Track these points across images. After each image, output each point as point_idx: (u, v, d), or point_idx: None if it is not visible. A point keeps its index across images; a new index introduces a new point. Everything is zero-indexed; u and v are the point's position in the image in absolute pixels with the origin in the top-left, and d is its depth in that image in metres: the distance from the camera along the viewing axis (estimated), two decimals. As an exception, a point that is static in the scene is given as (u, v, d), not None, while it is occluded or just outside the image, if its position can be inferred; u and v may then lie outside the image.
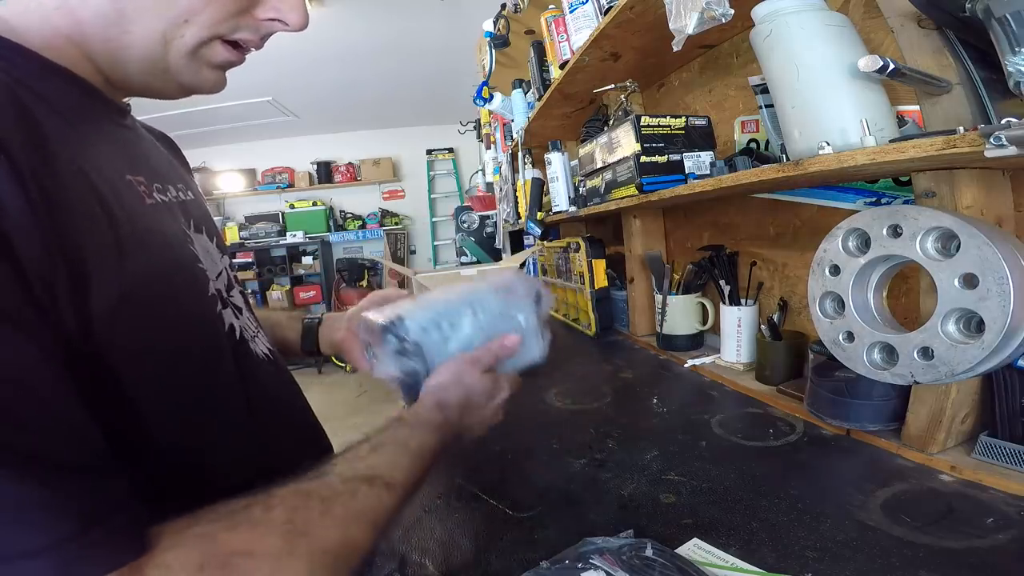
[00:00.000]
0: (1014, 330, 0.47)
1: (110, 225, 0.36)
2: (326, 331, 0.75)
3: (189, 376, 0.43)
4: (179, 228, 0.48)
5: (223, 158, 5.70)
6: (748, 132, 1.01)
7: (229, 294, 0.54)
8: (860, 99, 0.61)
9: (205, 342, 0.46)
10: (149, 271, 0.39)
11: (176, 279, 0.44)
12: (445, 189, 6.09)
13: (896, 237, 0.55)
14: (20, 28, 0.39)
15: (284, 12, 0.45)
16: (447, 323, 0.53)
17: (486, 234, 3.08)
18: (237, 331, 0.52)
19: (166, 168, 0.53)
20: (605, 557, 0.45)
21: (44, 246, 0.30)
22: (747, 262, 1.09)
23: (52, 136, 0.34)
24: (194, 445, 0.42)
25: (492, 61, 1.94)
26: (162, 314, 0.40)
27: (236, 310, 0.53)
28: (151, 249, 0.41)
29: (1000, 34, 0.46)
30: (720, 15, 0.66)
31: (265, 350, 0.57)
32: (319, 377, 5.28)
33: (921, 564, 0.47)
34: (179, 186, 0.53)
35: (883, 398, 0.70)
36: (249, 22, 0.45)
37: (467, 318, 0.55)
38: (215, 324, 0.48)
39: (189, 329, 0.44)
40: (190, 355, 0.44)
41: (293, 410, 0.60)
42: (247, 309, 0.58)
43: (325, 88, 4.29)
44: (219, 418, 0.46)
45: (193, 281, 0.46)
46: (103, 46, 0.41)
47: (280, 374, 0.59)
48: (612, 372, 1.18)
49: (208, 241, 0.53)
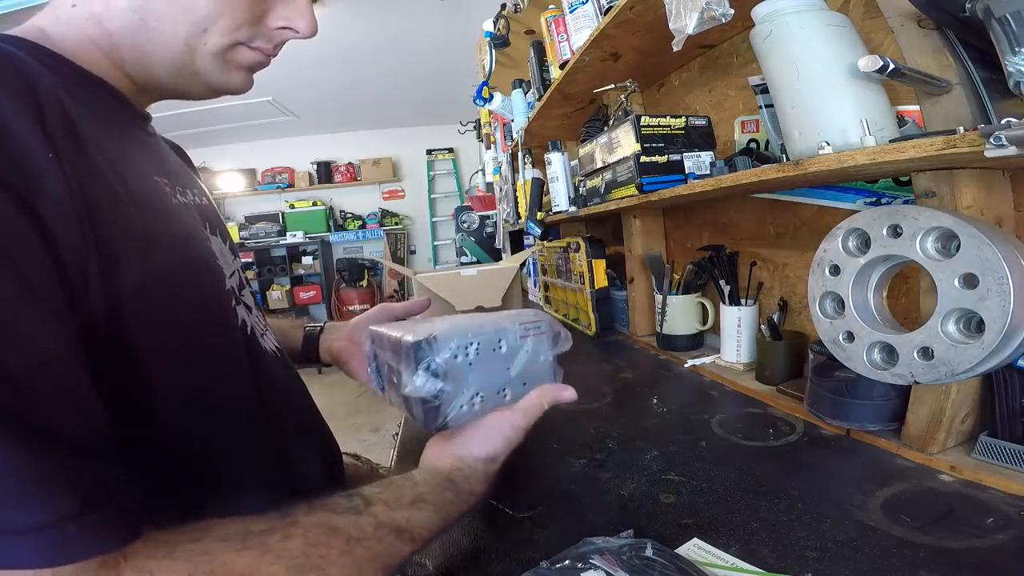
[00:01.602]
0: (1014, 330, 0.47)
1: (139, 216, 0.39)
2: (326, 340, 0.76)
3: (204, 363, 0.45)
4: (199, 227, 0.50)
5: (223, 158, 5.70)
6: (748, 132, 1.01)
7: (241, 292, 0.56)
8: (860, 99, 0.61)
9: (221, 333, 0.48)
10: (172, 261, 0.42)
11: (197, 271, 0.46)
12: (445, 189, 6.09)
13: (896, 237, 0.55)
14: (57, 39, 0.42)
15: (293, 20, 0.48)
16: (474, 350, 0.52)
17: (486, 234, 3.08)
18: (248, 326, 0.54)
19: (184, 174, 0.57)
20: (605, 557, 0.45)
21: (81, 232, 0.33)
22: (747, 262, 1.09)
23: (90, 138, 0.37)
24: (204, 432, 0.44)
25: (492, 61, 1.94)
26: (183, 302, 0.43)
27: (247, 308, 0.56)
28: (175, 241, 0.44)
29: (1000, 34, 0.46)
30: (720, 15, 0.66)
31: (274, 346, 0.59)
32: (319, 377, 5.23)
33: (921, 564, 0.47)
34: (195, 191, 0.56)
35: (883, 398, 0.70)
36: (262, 31, 0.48)
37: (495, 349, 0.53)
38: (230, 317, 0.50)
39: (207, 319, 0.46)
40: (206, 343, 0.45)
41: (299, 405, 0.62)
42: (256, 308, 0.60)
43: (325, 88, 4.29)
44: (230, 407, 0.47)
45: (212, 275, 0.49)
46: (132, 53, 0.45)
47: (287, 370, 0.61)
48: (612, 372, 1.18)
49: (221, 243, 0.56)
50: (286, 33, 0.49)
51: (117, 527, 0.29)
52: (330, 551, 0.34)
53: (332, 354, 0.74)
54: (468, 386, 0.51)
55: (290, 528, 0.34)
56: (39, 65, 0.37)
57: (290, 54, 0.49)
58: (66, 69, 0.41)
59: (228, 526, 0.33)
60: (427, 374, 0.49)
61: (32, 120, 0.32)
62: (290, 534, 0.34)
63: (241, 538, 0.32)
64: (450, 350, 0.50)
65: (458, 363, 0.51)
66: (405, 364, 0.50)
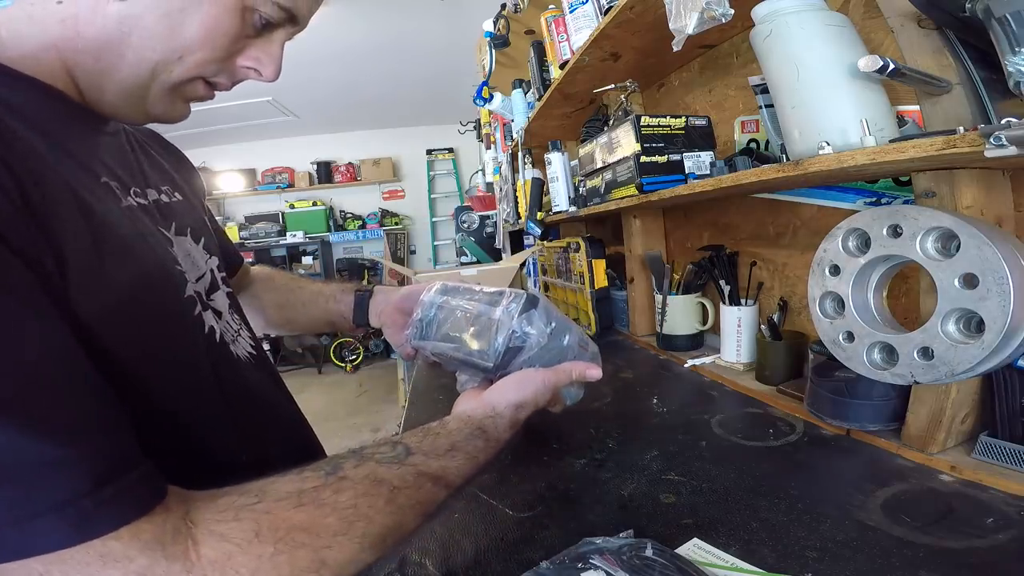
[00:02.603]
0: (1014, 330, 0.47)
1: (88, 230, 0.38)
2: (377, 303, 0.79)
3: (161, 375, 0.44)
4: (156, 230, 0.49)
5: (223, 158, 5.70)
6: (748, 132, 1.01)
7: (210, 296, 0.56)
8: (860, 99, 0.61)
9: (178, 342, 0.48)
10: (125, 274, 0.41)
11: (148, 278, 0.45)
12: (445, 189, 6.08)
13: (896, 237, 0.55)
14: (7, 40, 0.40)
15: (263, 63, 0.48)
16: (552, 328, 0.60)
17: (486, 234, 3.08)
18: (217, 333, 0.53)
19: (150, 172, 0.55)
20: (605, 557, 0.45)
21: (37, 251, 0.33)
22: (747, 262, 1.09)
23: (27, 146, 0.36)
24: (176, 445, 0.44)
25: (492, 61, 1.94)
26: (136, 315, 0.42)
27: (216, 313, 0.55)
28: (123, 247, 0.42)
29: (1000, 34, 0.46)
30: (720, 15, 0.66)
31: (247, 351, 0.59)
32: (319, 377, 5.28)
33: (921, 564, 0.47)
34: (163, 188, 0.54)
35: (883, 398, 0.70)
36: (229, 67, 0.47)
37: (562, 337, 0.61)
38: (190, 325, 0.50)
39: (160, 329, 0.45)
40: (163, 354, 0.45)
41: (276, 408, 0.63)
42: (231, 310, 0.60)
43: (325, 88, 4.28)
44: (198, 415, 0.47)
45: (166, 281, 0.47)
46: (91, 65, 0.42)
47: (261, 374, 0.61)
48: (612, 372, 1.18)
49: (192, 243, 0.55)
50: (249, 73, 0.48)
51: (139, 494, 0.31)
52: (377, 500, 0.38)
53: (380, 319, 0.77)
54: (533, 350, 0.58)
55: (340, 483, 0.38)
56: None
57: (290, 54, 0.49)
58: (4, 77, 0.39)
59: (284, 485, 0.36)
60: (525, 318, 0.58)
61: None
62: (340, 488, 0.37)
63: (297, 496, 0.35)
64: (546, 314, 0.60)
65: (542, 329, 0.59)
66: (508, 308, 0.59)
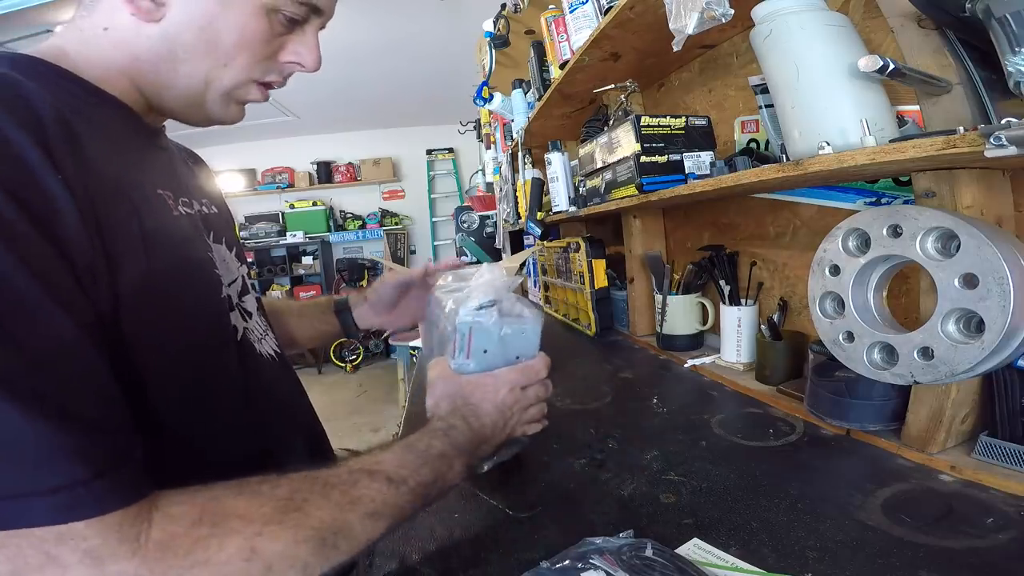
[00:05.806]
0: (1014, 330, 0.47)
1: (139, 225, 0.42)
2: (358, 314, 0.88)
3: (193, 366, 0.47)
4: (200, 237, 0.53)
5: (223, 158, 5.69)
6: (748, 132, 1.01)
7: (241, 299, 0.59)
8: (860, 99, 0.61)
9: (211, 338, 0.51)
10: (169, 267, 0.45)
11: (192, 278, 0.49)
12: (445, 189, 6.08)
13: (896, 237, 0.55)
14: (76, 58, 0.46)
15: (303, 55, 0.53)
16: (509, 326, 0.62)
17: (486, 234, 3.07)
18: (240, 332, 0.56)
19: (193, 185, 0.60)
20: (605, 557, 0.45)
21: (88, 237, 0.37)
22: (747, 262, 1.09)
23: (94, 151, 0.40)
24: (194, 432, 0.46)
25: (492, 61, 1.94)
26: (176, 307, 0.45)
27: (246, 314, 0.59)
28: (172, 250, 0.46)
29: (1000, 34, 0.46)
30: (720, 15, 0.66)
31: (271, 351, 0.62)
32: (319, 377, 5.28)
33: (921, 564, 0.47)
34: (204, 201, 0.59)
35: (883, 398, 0.70)
36: (275, 66, 0.53)
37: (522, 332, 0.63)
38: (223, 323, 0.53)
39: (198, 324, 0.49)
40: (196, 347, 0.48)
41: (294, 406, 0.66)
42: (258, 313, 0.64)
43: (325, 88, 4.28)
44: (218, 407, 0.50)
45: (207, 282, 0.51)
46: (153, 79, 0.48)
47: (283, 373, 0.64)
48: (612, 372, 1.18)
49: (227, 251, 0.59)
50: (295, 67, 0.54)
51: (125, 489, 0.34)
52: (310, 494, 0.40)
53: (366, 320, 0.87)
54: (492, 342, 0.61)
55: (279, 480, 0.41)
56: (45, 85, 0.40)
57: (290, 54, 0.50)
58: (77, 88, 0.45)
59: (231, 482, 0.39)
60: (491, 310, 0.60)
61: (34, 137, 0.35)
62: (278, 483, 0.40)
63: (238, 485, 0.39)
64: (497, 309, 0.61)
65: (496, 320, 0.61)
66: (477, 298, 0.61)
